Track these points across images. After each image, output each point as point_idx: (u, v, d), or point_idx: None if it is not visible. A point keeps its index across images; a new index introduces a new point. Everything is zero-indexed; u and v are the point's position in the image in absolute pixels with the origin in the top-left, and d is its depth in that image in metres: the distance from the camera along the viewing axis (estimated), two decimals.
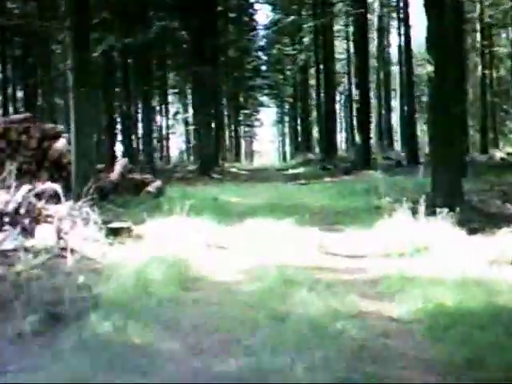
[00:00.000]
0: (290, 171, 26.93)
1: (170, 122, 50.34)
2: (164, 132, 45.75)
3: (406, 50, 26.56)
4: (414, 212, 8.31)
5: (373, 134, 44.38)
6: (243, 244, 7.83)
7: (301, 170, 26.55)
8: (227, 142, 46.11)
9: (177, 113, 52.41)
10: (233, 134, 49.22)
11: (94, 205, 9.14)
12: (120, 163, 14.13)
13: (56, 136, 13.11)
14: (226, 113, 45.26)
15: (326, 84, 30.51)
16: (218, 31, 29.65)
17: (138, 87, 23.67)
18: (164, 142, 45.69)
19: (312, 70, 49.68)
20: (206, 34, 24.65)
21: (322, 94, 35.68)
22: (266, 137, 70.18)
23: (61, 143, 12.79)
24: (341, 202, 12.32)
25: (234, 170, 28.16)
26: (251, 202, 12.27)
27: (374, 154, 27.52)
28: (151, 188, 13.12)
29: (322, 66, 35.06)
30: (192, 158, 40.98)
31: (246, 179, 21.97)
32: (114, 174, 13.11)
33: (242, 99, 52.73)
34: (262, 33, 48.23)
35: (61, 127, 13.59)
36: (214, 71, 25.77)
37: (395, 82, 44.77)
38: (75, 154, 11.22)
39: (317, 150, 53.72)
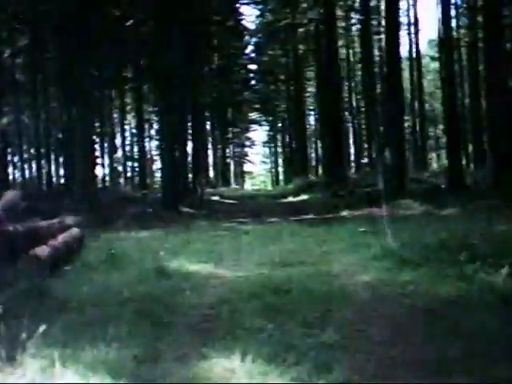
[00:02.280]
0: (290, 199, 20.96)
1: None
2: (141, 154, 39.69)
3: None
4: None
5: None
6: None
7: (304, 197, 20.55)
8: (211, 163, 40.00)
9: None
10: (219, 154, 43.02)
11: None
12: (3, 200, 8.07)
13: None
14: (209, 129, 39.26)
15: (331, 90, 24.62)
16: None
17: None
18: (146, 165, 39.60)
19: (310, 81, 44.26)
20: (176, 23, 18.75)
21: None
22: (258, 157, 64.36)
23: None
24: (406, 274, 6.25)
25: (216, 198, 22.09)
26: (231, 279, 6.24)
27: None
28: (43, 251, 7.02)
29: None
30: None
31: (231, 214, 15.91)
32: None
33: (229, 115, 46.95)
34: (251, 40, 42.77)
35: None
36: (184, 75, 19.87)
37: None
38: None
39: (314, 171, 47.98)
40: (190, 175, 24.05)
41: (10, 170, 31.36)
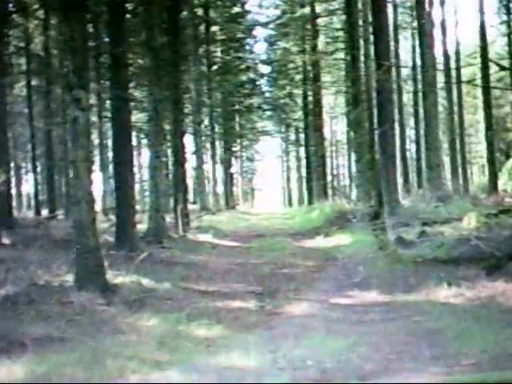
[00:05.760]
0: (321, 242, 13.80)
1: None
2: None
3: None
4: None
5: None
6: None
7: (342, 239, 13.34)
8: (209, 181, 32.73)
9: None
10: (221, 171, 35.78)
11: None
12: None
13: None
14: (209, 140, 32.24)
15: (379, 87, 17.15)
16: None
17: None
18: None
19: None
20: None
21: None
22: (269, 172, 57.53)
23: None
24: None
25: (208, 237, 14.98)
26: None
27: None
28: None
29: None
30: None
31: (221, 283, 8.76)
32: None
33: (237, 125, 40.08)
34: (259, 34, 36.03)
35: None
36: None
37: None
38: None
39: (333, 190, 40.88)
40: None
41: None
